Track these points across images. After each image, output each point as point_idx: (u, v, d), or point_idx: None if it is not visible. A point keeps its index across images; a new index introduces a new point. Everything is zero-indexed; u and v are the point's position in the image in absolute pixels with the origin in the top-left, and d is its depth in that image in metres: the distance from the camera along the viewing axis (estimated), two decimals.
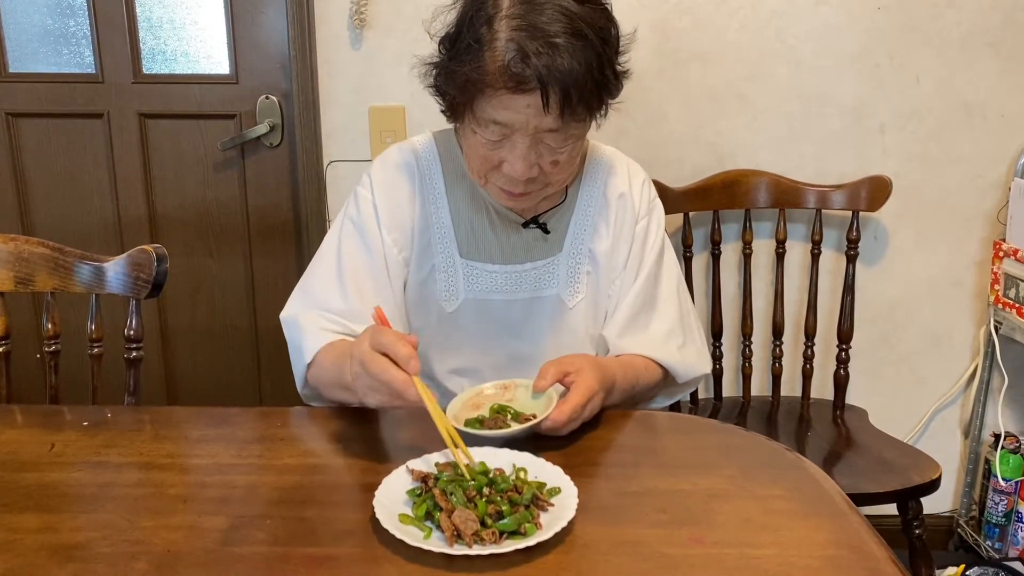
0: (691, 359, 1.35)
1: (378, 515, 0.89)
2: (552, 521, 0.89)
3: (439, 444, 1.03)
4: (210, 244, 2.19)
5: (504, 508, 0.90)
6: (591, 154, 1.37)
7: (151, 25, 2.07)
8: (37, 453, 1.09)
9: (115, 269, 1.37)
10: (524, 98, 1.08)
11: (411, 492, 0.95)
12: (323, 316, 1.25)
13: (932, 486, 1.65)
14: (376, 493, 0.93)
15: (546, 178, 1.19)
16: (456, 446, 1.00)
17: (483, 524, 0.88)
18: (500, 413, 1.13)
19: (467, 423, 1.09)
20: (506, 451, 1.03)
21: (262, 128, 2.09)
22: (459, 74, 1.12)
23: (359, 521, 0.92)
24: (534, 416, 1.09)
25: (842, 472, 1.69)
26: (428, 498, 0.93)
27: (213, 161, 2.14)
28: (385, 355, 0.99)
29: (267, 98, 2.09)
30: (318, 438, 1.15)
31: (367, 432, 1.17)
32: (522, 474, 0.99)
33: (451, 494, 0.92)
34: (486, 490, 0.94)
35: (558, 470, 0.99)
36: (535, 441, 1.08)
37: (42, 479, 1.02)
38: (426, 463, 1.01)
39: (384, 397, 1.01)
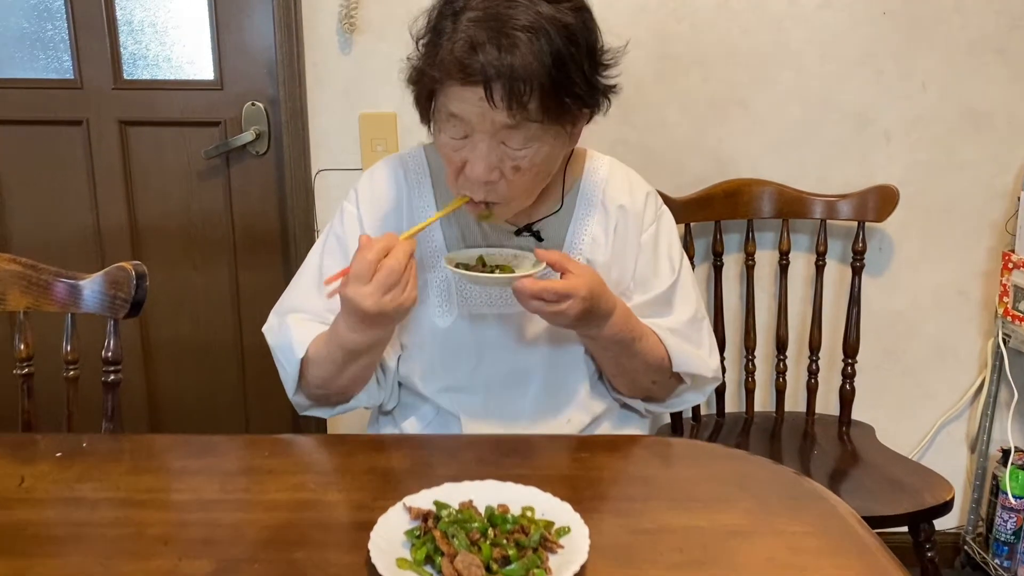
0: (689, 353, 1.28)
1: (374, 559, 0.83)
2: (563, 565, 0.83)
3: (437, 479, 0.97)
4: (194, 256, 2.11)
5: (511, 552, 0.84)
6: (588, 162, 1.32)
7: (132, 29, 2.00)
8: (5, 488, 1.02)
9: (91, 287, 1.30)
10: (474, 90, 1.04)
11: (409, 533, 0.89)
12: (307, 316, 1.24)
13: (945, 508, 1.60)
14: (371, 534, 0.87)
15: (509, 187, 1.13)
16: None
17: (488, 570, 0.82)
18: (485, 265, 1.18)
19: (457, 266, 1.14)
20: (510, 485, 0.97)
21: (248, 136, 2.02)
22: (416, 68, 1.11)
23: (353, 565, 0.85)
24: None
25: (851, 493, 1.64)
26: (428, 540, 0.86)
27: (197, 170, 2.06)
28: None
29: (253, 105, 2.02)
30: (308, 469, 1.09)
31: (360, 462, 1.10)
32: (529, 512, 0.92)
33: (453, 536, 0.85)
34: (491, 531, 0.87)
35: (566, 506, 0.93)
36: (540, 475, 1.02)
37: (10, 518, 0.95)
38: (425, 499, 0.94)
39: (415, 291, 1.07)
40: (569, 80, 1.05)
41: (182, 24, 2.00)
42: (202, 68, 2.02)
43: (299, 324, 1.21)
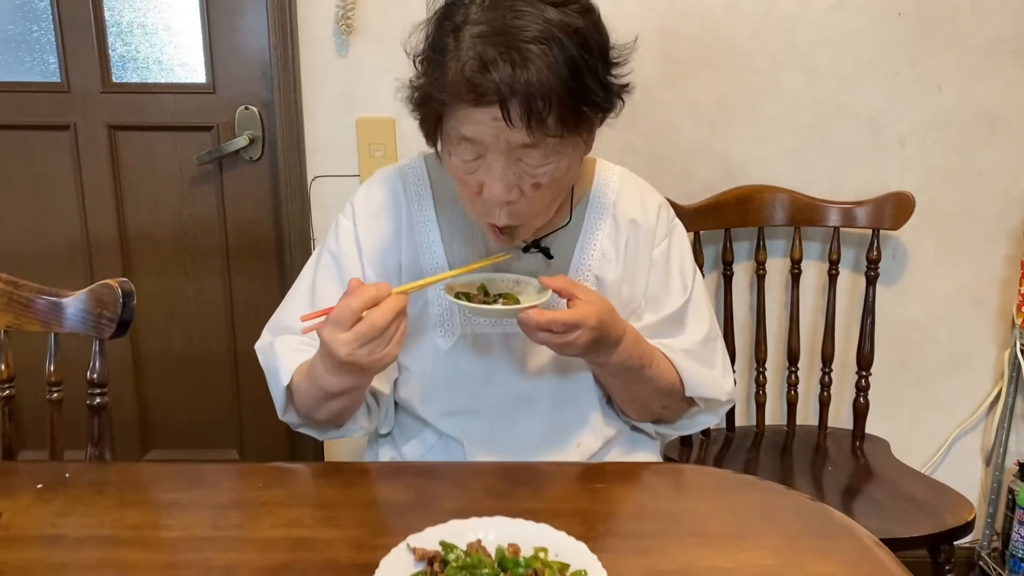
0: (703, 376, 1.21)
1: None
2: None
3: (442, 514, 0.90)
4: (186, 265, 2.04)
5: None
6: (599, 173, 1.25)
7: (121, 30, 1.93)
8: None
9: (75, 306, 1.23)
10: (487, 111, 0.96)
11: None
12: (297, 339, 1.16)
13: (966, 529, 1.54)
14: None
15: (530, 204, 1.06)
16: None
17: None
18: (487, 293, 1.11)
19: (457, 295, 1.08)
20: (520, 522, 0.91)
21: (241, 141, 1.95)
22: (421, 90, 1.03)
23: None
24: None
25: (868, 513, 1.58)
26: None
27: (189, 176, 2.00)
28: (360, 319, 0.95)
29: (247, 108, 1.95)
30: (304, 502, 1.02)
31: (359, 494, 1.04)
32: (542, 553, 0.86)
33: None
34: None
35: (582, 546, 0.87)
36: (552, 508, 0.96)
37: None
38: (430, 538, 0.88)
39: (396, 349, 0.98)
40: (586, 88, 0.98)
41: (173, 25, 1.93)
42: (194, 71, 1.95)
43: (286, 349, 1.14)
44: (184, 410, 2.14)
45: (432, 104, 1.01)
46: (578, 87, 0.97)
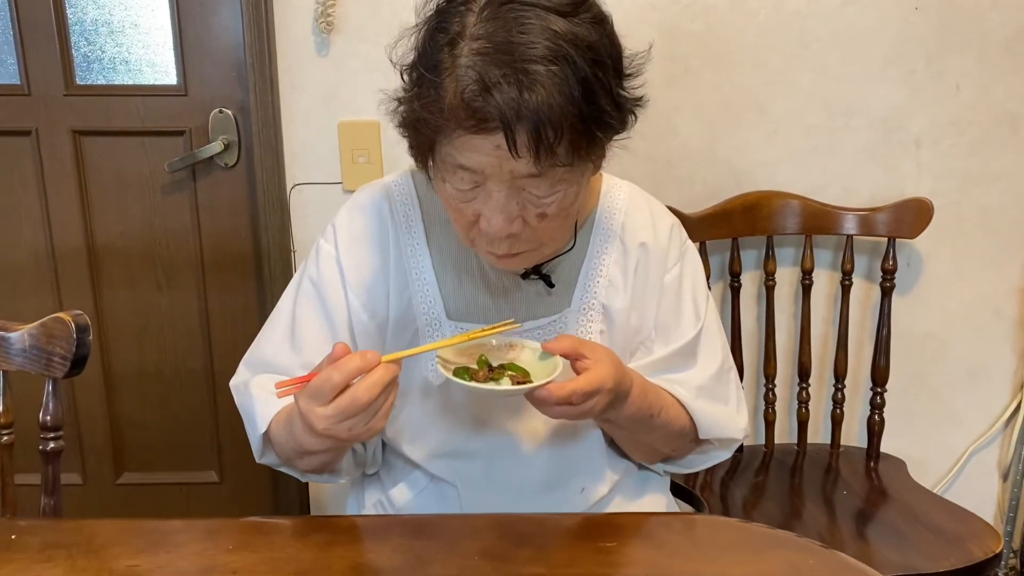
0: (717, 415, 1.12)
1: None
2: None
3: None
4: (158, 278, 1.93)
5: None
6: (605, 192, 1.14)
7: (84, 29, 1.80)
8: None
9: (24, 341, 1.11)
10: (489, 139, 0.85)
11: None
12: (274, 379, 1.03)
13: (994, 561, 1.44)
14: None
15: (535, 234, 0.95)
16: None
17: None
18: (492, 367, 0.99)
19: (456, 372, 0.96)
20: None
21: (216, 146, 1.83)
22: (411, 112, 0.91)
23: None
24: (529, 379, 0.96)
25: (887, 543, 1.48)
26: None
27: (160, 184, 1.88)
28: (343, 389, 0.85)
29: (221, 112, 1.83)
30: (278, 568, 0.91)
31: (341, 557, 0.92)
32: None
33: None
34: None
35: None
36: None
37: None
38: None
39: (382, 422, 0.89)
40: (600, 111, 0.87)
41: (140, 23, 1.81)
42: (164, 72, 1.84)
43: (262, 394, 1.04)
44: (159, 430, 2.03)
45: (425, 129, 0.89)
46: (591, 110, 0.86)
